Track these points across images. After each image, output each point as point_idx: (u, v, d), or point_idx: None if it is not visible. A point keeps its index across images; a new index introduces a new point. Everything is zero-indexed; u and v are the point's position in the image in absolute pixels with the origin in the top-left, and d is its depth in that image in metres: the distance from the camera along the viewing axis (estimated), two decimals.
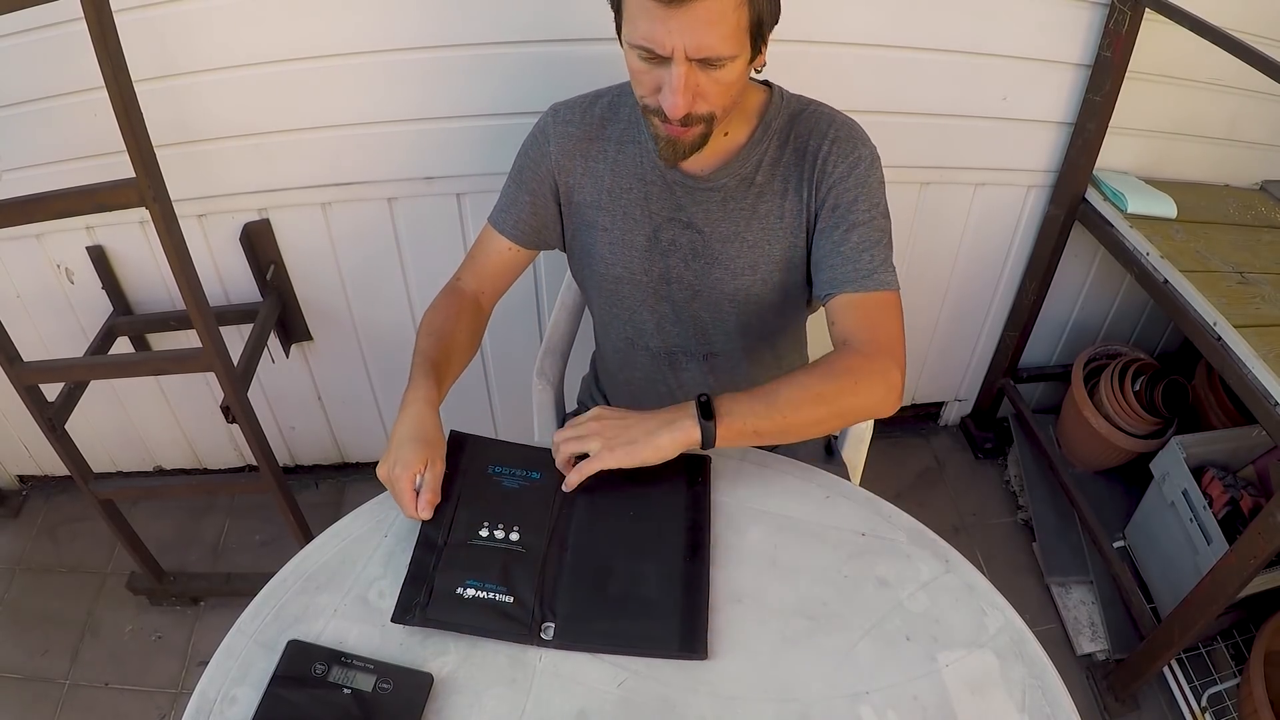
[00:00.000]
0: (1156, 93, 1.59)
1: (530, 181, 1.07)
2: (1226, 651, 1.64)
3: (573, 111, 1.06)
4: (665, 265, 1.06)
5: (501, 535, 0.87)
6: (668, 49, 0.83)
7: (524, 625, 0.80)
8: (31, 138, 1.38)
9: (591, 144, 1.05)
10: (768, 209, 1.02)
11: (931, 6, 1.44)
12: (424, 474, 0.88)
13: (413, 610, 0.81)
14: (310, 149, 1.46)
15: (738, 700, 0.77)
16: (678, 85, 0.85)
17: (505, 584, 0.83)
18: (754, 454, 1.02)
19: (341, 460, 2.04)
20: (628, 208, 1.05)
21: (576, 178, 1.06)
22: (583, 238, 1.09)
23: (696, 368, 1.15)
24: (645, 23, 0.83)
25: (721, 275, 1.05)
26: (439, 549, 0.86)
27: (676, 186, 1.03)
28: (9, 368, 1.32)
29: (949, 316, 1.95)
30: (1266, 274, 1.49)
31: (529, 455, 0.96)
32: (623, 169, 1.04)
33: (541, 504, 0.91)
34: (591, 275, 1.11)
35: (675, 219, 1.04)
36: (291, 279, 1.64)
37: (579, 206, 1.07)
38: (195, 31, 1.30)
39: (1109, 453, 1.86)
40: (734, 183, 1.02)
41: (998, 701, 0.77)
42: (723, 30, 0.82)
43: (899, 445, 2.15)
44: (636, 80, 0.91)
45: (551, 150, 1.05)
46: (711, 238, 1.04)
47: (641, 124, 1.03)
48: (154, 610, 1.75)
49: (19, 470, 1.99)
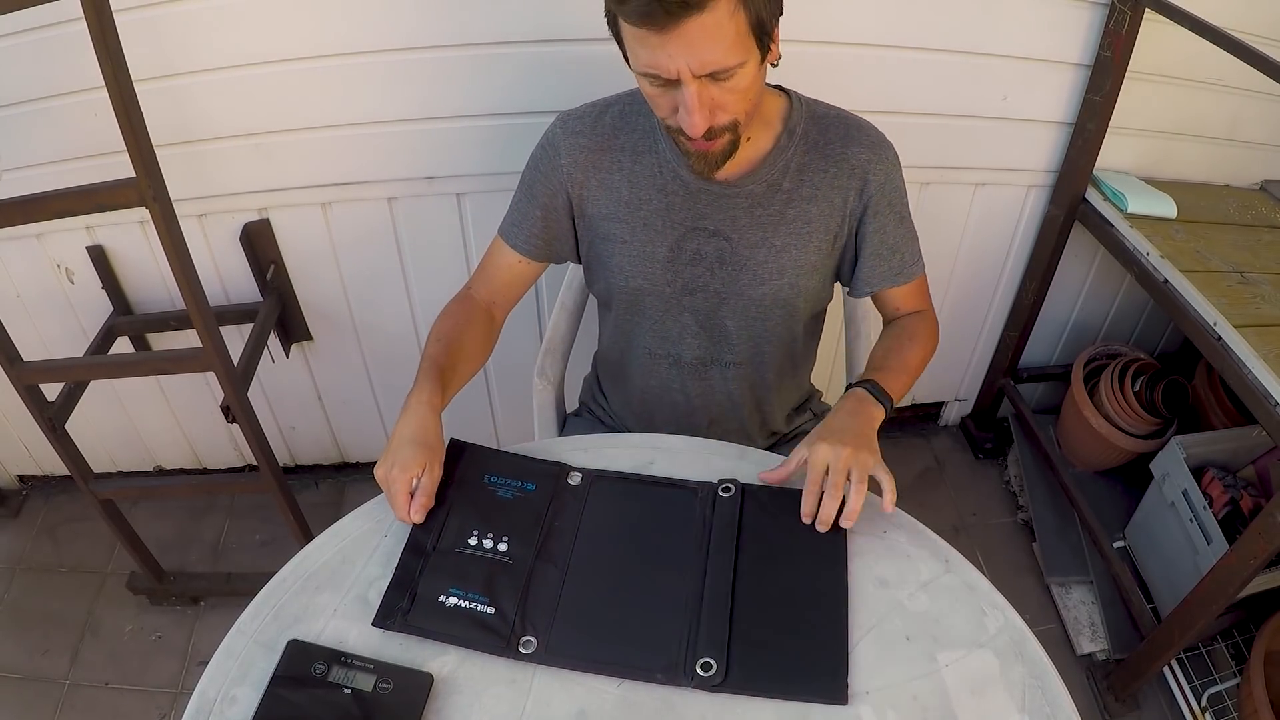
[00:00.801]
0: (1156, 93, 1.59)
1: (541, 195, 1.06)
2: (1226, 651, 1.64)
3: (582, 122, 1.05)
4: (690, 275, 1.06)
5: (490, 545, 0.87)
6: (673, 72, 0.82)
7: (502, 637, 0.80)
8: (31, 138, 1.38)
9: (604, 155, 1.04)
10: (795, 214, 1.03)
11: (931, 6, 1.44)
12: (420, 478, 0.87)
13: (394, 615, 0.81)
14: (310, 149, 1.46)
15: (738, 700, 0.77)
16: (692, 105, 0.84)
17: (488, 594, 0.83)
18: (754, 454, 1.02)
19: (341, 460, 2.04)
20: (648, 219, 1.04)
21: (591, 190, 1.05)
22: (599, 250, 1.08)
23: (719, 375, 1.15)
24: (644, 51, 0.83)
25: (749, 281, 1.05)
26: (426, 554, 0.86)
27: (702, 195, 1.02)
28: (9, 368, 1.32)
29: (949, 316, 1.94)
30: (1266, 274, 1.49)
31: (525, 466, 0.96)
32: (641, 180, 1.03)
33: (532, 516, 0.90)
34: (610, 287, 1.10)
35: (700, 228, 1.04)
36: (291, 279, 1.64)
37: (594, 219, 1.06)
38: (195, 31, 1.30)
39: (1109, 453, 1.86)
40: (761, 189, 1.02)
41: (998, 701, 0.77)
42: (723, 41, 0.81)
43: (899, 445, 2.15)
44: (654, 104, 0.90)
45: (563, 163, 1.04)
46: (739, 244, 1.04)
47: (657, 134, 1.02)
48: (154, 610, 1.75)
49: (19, 470, 1.99)
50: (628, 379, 1.21)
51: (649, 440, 1.03)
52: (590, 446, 1.02)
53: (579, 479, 0.95)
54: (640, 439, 1.05)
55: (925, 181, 1.68)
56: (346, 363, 1.80)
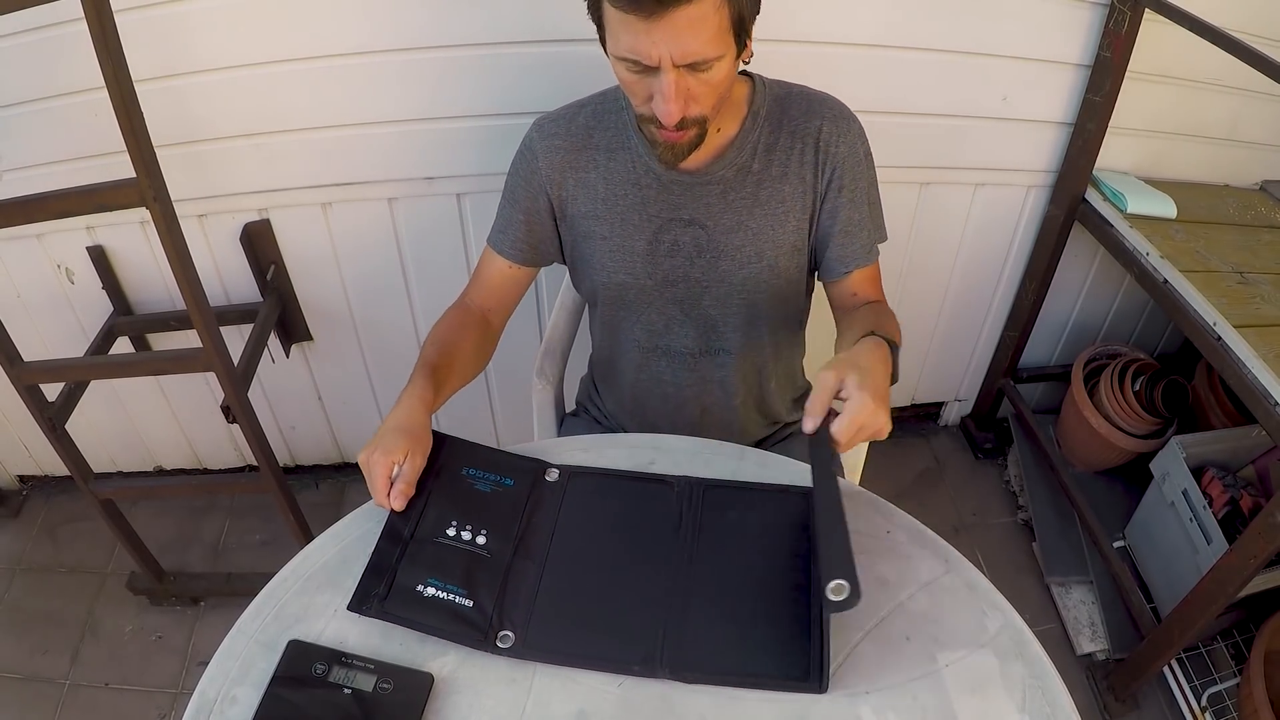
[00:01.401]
0: (1156, 93, 1.59)
1: (523, 199, 1.08)
2: (1226, 651, 1.64)
3: (557, 125, 1.06)
4: (669, 266, 1.07)
5: (468, 537, 0.87)
6: (654, 59, 0.84)
7: (480, 631, 0.80)
8: (31, 138, 1.38)
9: (580, 154, 1.05)
10: (769, 195, 1.04)
11: (931, 6, 1.44)
12: (402, 464, 0.88)
13: (370, 601, 0.81)
14: (310, 149, 1.46)
15: (738, 700, 0.77)
16: (669, 93, 0.86)
17: (466, 587, 0.83)
18: (753, 453, 1.02)
19: (341, 460, 2.04)
20: (625, 214, 1.05)
21: (569, 190, 1.06)
22: (581, 249, 1.09)
23: (712, 364, 1.15)
24: (628, 36, 0.83)
25: (729, 267, 1.06)
26: (404, 542, 0.86)
27: (674, 186, 1.03)
28: (9, 368, 1.32)
29: (949, 316, 1.95)
30: (1266, 274, 1.49)
31: (504, 461, 0.96)
32: (616, 176, 1.05)
33: (511, 510, 0.91)
34: (594, 284, 1.11)
35: (676, 218, 1.05)
36: (291, 279, 1.64)
37: (574, 219, 1.08)
38: (195, 31, 1.30)
39: (1109, 453, 1.86)
40: (731, 173, 1.03)
41: (998, 701, 0.77)
42: (706, 34, 0.83)
43: (899, 445, 2.15)
44: (628, 90, 0.91)
45: (540, 165, 1.06)
46: (715, 230, 1.05)
47: (630, 130, 1.03)
48: (154, 610, 1.75)
49: (19, 470, 1.99)
50: (618, 375, 1.22)
51: (649, 440, 1.03)
52: (590, 446, 1.02)
53: (556, 475, 0.95)
54: (640, 439, 1.05)
55: (925, 181, 1.68)
56: (346, 363, 1.80)
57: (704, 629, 0.81)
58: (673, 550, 0.88)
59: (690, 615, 0.82)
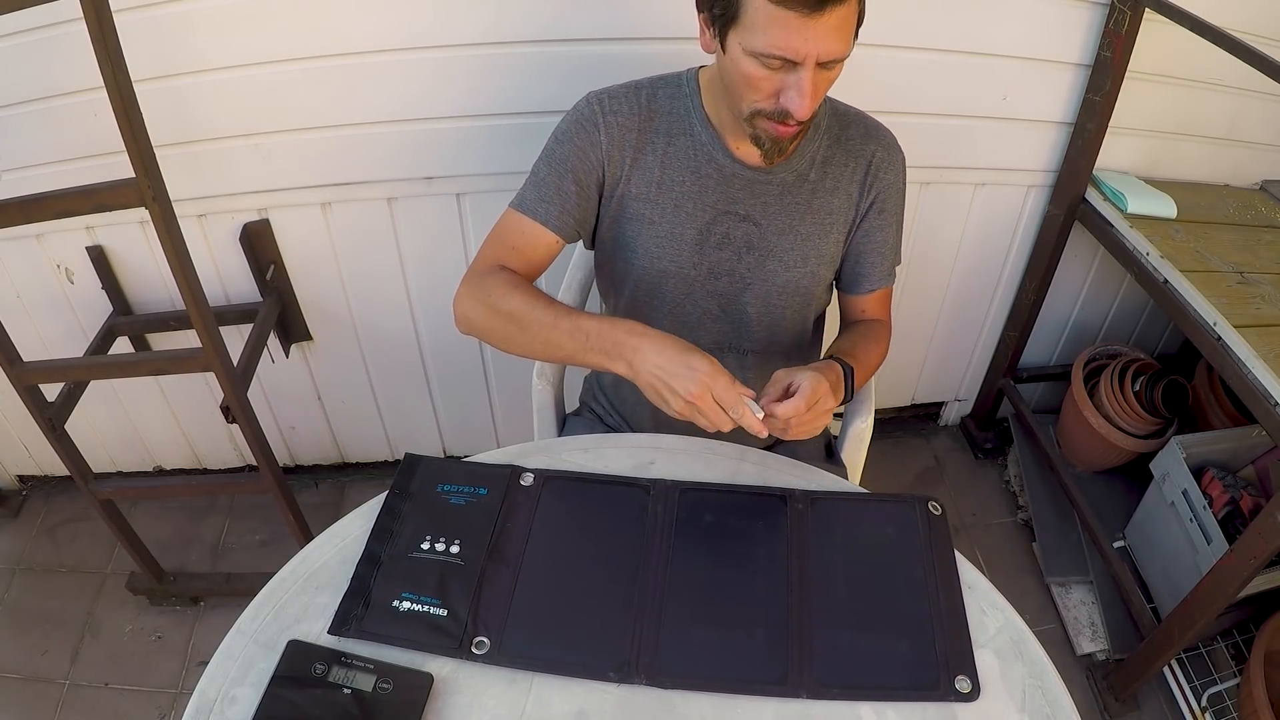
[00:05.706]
0: (1156, 93, 1.59)
1: (578, 171, 1.03)
2: (1226, 651, 1.64)
3: (618, 101, 1.04)
4: (716, 259, 1.07)
5: (442, 548, 0.88)
6: (802, 55, 0.85)
7: (454, 639, 0.80)
8: (31, 138, 1.38)
9: (641, 135, 1.04)
10: (820, 204, 1.06)
11: (931, 6, 1.44)
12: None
13: (349, 623, 0.81)
14: (310, 149, 1.46)
15: (737, 700, 0.77)
16: (809, 90, 0.87)
17: (440, 596, 0.83)
18: (753, 454, 1.02)
19: (341, 460, 2.03)
20: (679, 200, 1.04)
21: (625, 169, 1.04)
22: (625, 232, 1.07)
23: (735, 363, 1.15)
24: (780, 32, 0.84)
25: (775, 267, 1.07)
26: (379, 563, 0.86)
27: (736, 180, 1.04)
28: (9, 368, 1.32)
29: (949, 316, 1.95)
30: (1266, 274, 1.49)
31: (476, 472, 0.96)
32: (673, 162, 1.04)
33: (485, 518, 0.91)
34: (631, 270, 1.09)
35: (730, 212, 1.05)
36: (291, 279, 1.64)
37: (624, 199, 1.06)
38: (195, 31, 1.30)
39: (1109, 453, 1.86)
40: (791, 177, 1.05)
41: (998, 701, 0.77)
42: (848, 33, 0.86)
43: (899, 445, 2.15)
44: (752, 86, 0.90)
45: (602, 140, 1.03)
46: (768, 230, 1.06)
47: (692, 116, 1.03)
48: (154, 610, 1.75)
49: (19, 470, 1.99)
50: None
51: (649, 440, 1.03)
52: (590, 447, 1.02)
53: (531, 480, 0.95)
54: (640, 439, 1.05)
55: (925, 181, 1.68)
56: (346, 363, 1.80)
57: (679, 633, 0.81)
58: (648, 553, 0.88)
59: (665, 620, 0.82)
